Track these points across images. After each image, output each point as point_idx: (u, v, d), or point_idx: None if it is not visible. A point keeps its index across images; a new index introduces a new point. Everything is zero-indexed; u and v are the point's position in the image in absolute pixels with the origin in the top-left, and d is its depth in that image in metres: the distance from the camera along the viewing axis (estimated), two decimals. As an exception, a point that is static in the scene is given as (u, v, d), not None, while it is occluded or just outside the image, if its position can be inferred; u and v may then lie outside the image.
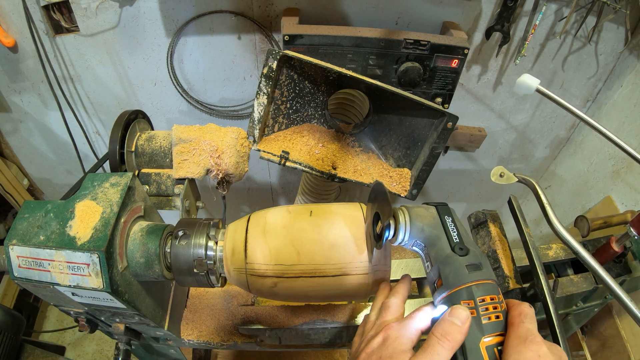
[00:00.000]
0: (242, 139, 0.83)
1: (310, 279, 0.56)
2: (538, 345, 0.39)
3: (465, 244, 0.49)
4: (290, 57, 0.83)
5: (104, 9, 1.13)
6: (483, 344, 0.42)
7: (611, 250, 0.86)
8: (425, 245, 0.52)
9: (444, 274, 0.47)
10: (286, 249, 0.56)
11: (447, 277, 0.46)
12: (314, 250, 0.56)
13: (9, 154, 1.58)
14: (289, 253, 0.56)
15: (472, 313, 0.43)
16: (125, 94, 1.35)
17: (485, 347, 0.42)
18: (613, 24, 1.23)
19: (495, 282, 0.46)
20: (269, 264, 0.56)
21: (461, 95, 1.42)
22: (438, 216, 0.52)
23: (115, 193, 0.60)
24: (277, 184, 1.77)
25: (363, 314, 0.77)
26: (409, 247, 0.54)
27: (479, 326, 0.43)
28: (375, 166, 0.99)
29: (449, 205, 0.54)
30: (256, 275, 0.57)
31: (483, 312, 0.43)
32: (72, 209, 0.58)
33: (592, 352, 1.30)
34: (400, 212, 0.53)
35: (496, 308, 0.44)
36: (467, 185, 1.86)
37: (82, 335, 1.79)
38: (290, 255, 0.56)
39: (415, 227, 0.52)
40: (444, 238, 0.50)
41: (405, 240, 0.53)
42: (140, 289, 0.64)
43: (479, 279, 0.45)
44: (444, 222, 0.51)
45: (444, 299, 0.46)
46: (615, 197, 1.35)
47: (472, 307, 0.43)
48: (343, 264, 0.56)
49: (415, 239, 0.52)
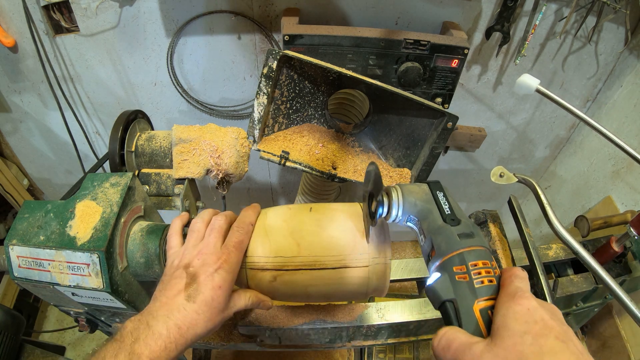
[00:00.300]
0: (242, 139, 0.83)
1: (310, 271, 0.56)
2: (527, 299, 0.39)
3: (456, 215, 0.50)
4: (290, 57, 0.83)
5: (104, 9, 1.13)
6: (477, 306, 0.42)
7: (611, 250, 0.86)
8: (419, 219, 0.53)
9: (436, 243, 0.48)
10: (286, 241, 0.57)
11: (440, 246, 0.48)
12: (314, 241, 0.57)
13: (9, 154, 1.58)
14: (289, 245, 0.56)
15: (465, 278, 0.44)
16: (125, 94, 1.35)
17: (479, 310, 0.42)
18: (613, 24, 1.23)
19: (488, 249, 0.47)
20: (268, 256, 0.56)
21: (461, 95, 1.42)
22: (430, 191, 0.54)
23: (115, 193, 0.60)
24: (277, 184, 1.77)
25: (363, 313, 0.77)
26: (403, 224, 0.55)
27: (472, 290, 0.43)
28: (375, 166, 0.99)
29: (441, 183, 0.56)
30: (255, 269, 0.57)
31: (475, 276, 0.44)
32: (72, 209, 0.58)
33: (592, 352, 1.30)
34: (393, 190, 0.54)
35: (489, 272, 0.44)
36: (467, 185, 1.86)
37: (82, 335, 1.79)
38: (290, 247, 0.56)
39: (408, 202, 0.53)
40: (436, 211, 0.51)
41: (399, 216, 0.54)
42: (140, 289, 0.64)
43: (471, 246, 0.46)
44: (436, 196, 0.53)
45: (438, 266, 0.47)
46: (615, 197, 1.35)
47: (465, 271, 0.44)
48: (343, 256, 0.56)
49: (409, 214, 0.54)
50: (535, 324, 0.37)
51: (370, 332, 0.79)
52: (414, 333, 0.81)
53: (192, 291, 0.49)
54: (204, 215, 0.59)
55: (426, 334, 0.82)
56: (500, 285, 0.44)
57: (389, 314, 0.77)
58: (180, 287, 0.50)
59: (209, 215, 0.59)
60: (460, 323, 0.42)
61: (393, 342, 0.81)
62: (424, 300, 0.79)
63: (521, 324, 0.37)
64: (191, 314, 0.48)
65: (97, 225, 0.56)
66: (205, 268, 0.51)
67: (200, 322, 0.48)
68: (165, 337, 0.45)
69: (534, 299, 0.40)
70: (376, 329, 0.78)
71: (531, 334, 0.36)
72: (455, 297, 0.44)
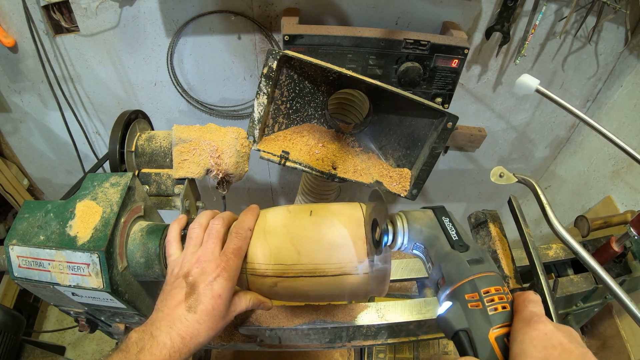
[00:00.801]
0: (242, 139, 0.83)
1: (310, 278, 0.56)
2: (543, 324, 0.39)
3: (464, 241, 0.49)
4: (290, 57, 0.83)
5: (104, 9, 1.13)
6: (492, 334, 0.42)
7: (611, 250, 0.86)
8: (425, 247, 0.52)
9: (445, 271, 0.47)
10: (286, 248, 0.56)
11: (449, 273, 0.47)
12: (314, 249, 0.56)
13: (9, 154, 1.58)
14: (289, 252, 0.56)
15: (478, 305, 0.43)
16: (125, 94, 1.35)
17: (494, 338, 0.41)
18: (613, 24, 1.23)
19: (499, 274, 0.46)
20: (269, 263, 0.56)
21: (461, 95, 1.42)
22: (435, 217, 0.53)
23: (115, 193, 0.60)
24: (277, 184, 1.77)
25: (363, 313, 0.77)
26: (409, 251, 0.54)
27: (486, 318, 0.42)
28: (375, 166, 0.99)
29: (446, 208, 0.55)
30: (256, 275, 0.57)
31: (489, 304, 0.43)
32: (72, 209, 0.58)
33: (592, 352, 1.29)
34: (397, 217, 0.53)
35: (502, 299, 0.43)
36: (467, 185, 1.86)
37: (82, 335, 1.79)
38: (290, 255, 0.56)
39: (414, 230, 0.52)
40: (443, 237, 0.50)
41: (404, 244, 0.53)
42: (140, 289, 0.64)
43: (482, 272, 0.45)
44: (442, 222, 0.52)
45: (449, 295, 0.46)
46: (615, 197, 1.34)
47: (477, 299, 0.43)
48: (343, 264, 0.56)
49: (415, 242, 0.52)
50: (554, 348, 0.37)
51: (370, 332, 0.79)
52: (414, 333, 0.81)
53: (192, 301, 0.50)
54: (201, 220, 0.59)
55: (426, 334, 0.82)
56: (514, 311, 0.43)
57: (389, 314, 0.76)
58: (180, 298, 0.50)
59: (206, 218, 0.59)
60: (476, 353, 0.41)
61: (393, 342, 0.81)
62: (424, 300, 0.79)
63: (539, 350, 0.37)
64: (193, 324, 0.48)
65: (97, 225, 0.56)
66: (204, 277, 0.51)
67: (202, 332, 0.49)
68: (170, 347, 0.46)
69: (550, 323, 0.39)
70: (376, 329, 0.78)
71: (551, 359, 0.36)
72: (469, 326, 0.42)
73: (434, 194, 1.92)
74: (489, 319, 0.42)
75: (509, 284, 0.75)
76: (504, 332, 0.42)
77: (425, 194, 1.92)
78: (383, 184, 0.96)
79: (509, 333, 0.41)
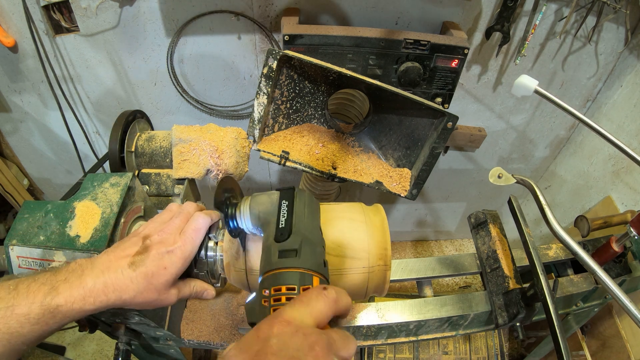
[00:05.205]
0: (242, 139, 0.83)
1: None
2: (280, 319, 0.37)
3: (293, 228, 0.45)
4: (290, 57, 0.83)
5: (104, 9, 1.13)
6: None
7: (611, 250, 0.86)
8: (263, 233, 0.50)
9: (261, 260, 0.45)
10: None
11: (261, 264, 0.45)
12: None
13: (9, 154, 1.58)
14: None
15: (264, 302, 0.41)
16: (125, 94, 1.35)
17: None
18: (613, 24, 1.23)
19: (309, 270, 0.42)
20: None
21: (461, 95, 1.42)
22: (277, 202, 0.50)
23: (115, 193, 0.60)
24: (277, 184, 1.77)
25: (363, 313, 0.77)
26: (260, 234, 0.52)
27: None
28: (375, 166, 0.99)
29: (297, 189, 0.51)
30: (257, 275, 0.57)
31: (274, 303, 0.40)
32: (72, 209, 0.58)
33: (592, 352, 1.30)
34: (243, 201, 0.52)
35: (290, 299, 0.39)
36: (467, 185, 1.86)
37: (82, 335, 1.79)
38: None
39: (253, 216, 0.51)
40: (273, 224, 0.47)
41: (250, 229, 0.52)
42: (140, 289, 0.64)
43: (284, 267, 0.42)
44: (280, 206, 0.49)
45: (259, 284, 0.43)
46: (615, 197, 1.35)
47: (268, 296, 0.41)
48: (342, 262, 0.56)
49: (256, 227, 0.51)
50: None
51: (370, 332, 0.79)
52: (414, 333, 0.81)
53: (137, 260, 0.50)
54: (184, 202, 0.62)
55: (426, 334, 0.82)
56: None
57: (389, 314, 0.77)
58: (129, 252, 0.51)
59: (189, 204, 0.61)
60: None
61: (393, 342, 0.81)
62: (424, 300, 0.79)
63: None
64: (125, 279, 0.49)
65: (97, 225, 0.56)
66: (159, 245, 0.52)
67: (130, 291, 0.49)
68: (89, 289, 0.47)
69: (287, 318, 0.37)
70: (376, 329, 0.78)
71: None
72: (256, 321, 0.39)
73: (434, 193, 1.92)
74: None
75: (509, 284, 0.75)
76: None
77: (425, 194, 1.92)
78: (383, 183, 0.96)
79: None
